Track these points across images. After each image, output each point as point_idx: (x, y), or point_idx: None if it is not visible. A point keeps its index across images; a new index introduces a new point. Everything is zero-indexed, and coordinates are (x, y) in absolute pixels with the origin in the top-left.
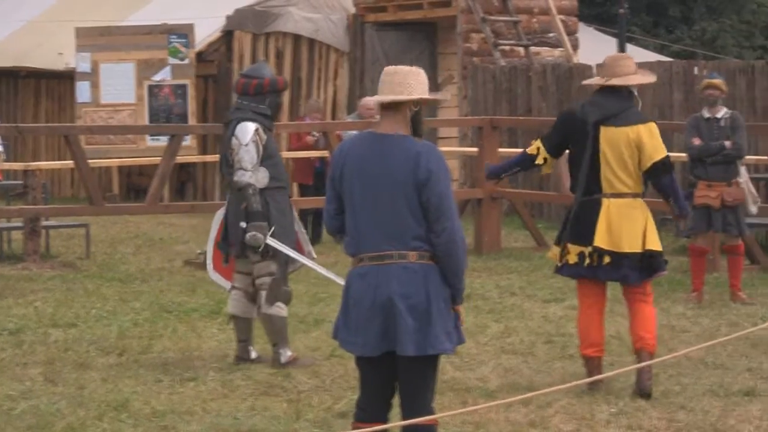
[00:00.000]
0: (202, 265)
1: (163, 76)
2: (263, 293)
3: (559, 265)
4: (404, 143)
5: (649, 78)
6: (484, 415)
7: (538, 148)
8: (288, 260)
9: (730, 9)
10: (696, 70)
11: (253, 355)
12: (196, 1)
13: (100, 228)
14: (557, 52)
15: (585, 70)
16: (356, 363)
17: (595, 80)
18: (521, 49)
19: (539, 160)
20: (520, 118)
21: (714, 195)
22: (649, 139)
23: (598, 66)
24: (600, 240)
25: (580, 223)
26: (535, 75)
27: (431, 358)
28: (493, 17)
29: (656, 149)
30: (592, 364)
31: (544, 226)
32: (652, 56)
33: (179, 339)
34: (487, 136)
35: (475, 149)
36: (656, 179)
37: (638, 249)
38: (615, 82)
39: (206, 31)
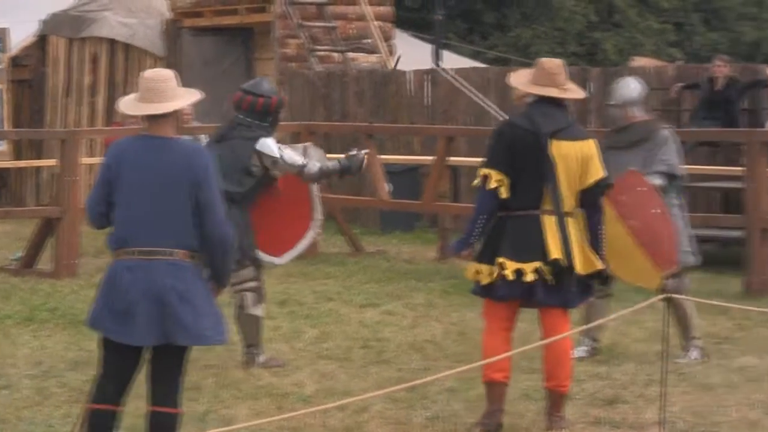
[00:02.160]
0: (16, 272)
1: None
2: (248, 295)
3: (483, 284)
4: (176, 145)
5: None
6: (301, 420)
7: (498, 180)
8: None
9: (543, 16)
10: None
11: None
12: (10, 5)
13: None
14: (373, 57)
15: (401, 76)
16: (103, 347)
17: (546, 91)
18: (338, 55)
19: (503, 192)
20: (337, 123)
21: None
22: (597, 156)
23: (514, 73)
24: (555, 253)
25: (517, 240)
26: (351, 81)
27: (185, 350)
28: (309, 23)
29: (600, 167)
30: (498, 391)
31: (359, 231)
32: (468, 62)
33: None
34: (304, 141)
35: None
36: (593, 198)
37: (583, 271)
38: (570, 95)
39: (20, 36)
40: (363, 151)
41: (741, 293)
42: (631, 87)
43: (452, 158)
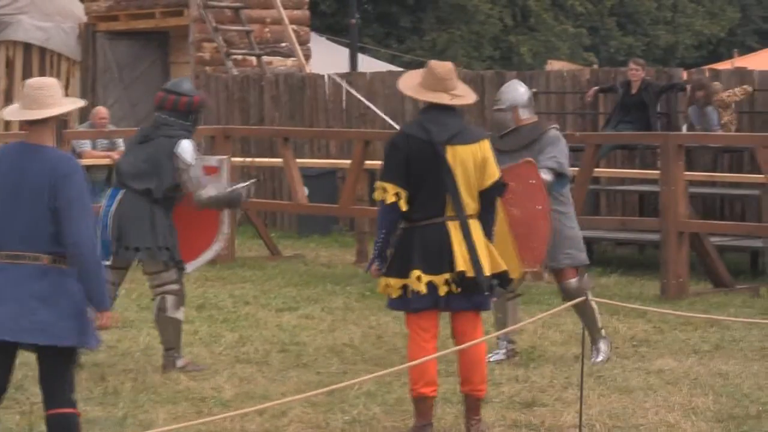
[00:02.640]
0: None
1: None
2: (169, 298)
3: (394, 297)
4: (46, 152)
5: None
6: (219, 424)
7: (396, 193)
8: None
9: (459, 20)
10: None
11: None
12: None
13: None
14: (290, 61)
15: (317, 80)
16: None
17: (437, 97)
18: (254, 59)
19: (402, 205)
20: (253, 127)
21: None
22: (491, 156)
23: (403, 76)
24: (462, 265)
25: (427, 251)
26: (267, 84)
27: (67, 351)
28: (225, 27)
29: (495, 167)
30: (428, 404)
31: (277, 235)
32: (384, 66)
33: None
34: (220, 145)
35: None
36: (489, 199)
37: (488, 272)
38: (461, 102)
39: None
40: (249, 182)
41: (658, 296)
42: (519, 90)
43: (369, 162)
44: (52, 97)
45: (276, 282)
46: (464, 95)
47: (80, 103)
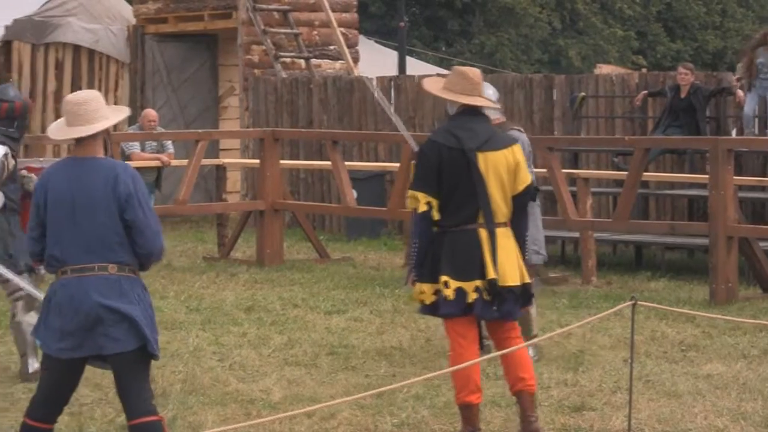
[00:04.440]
0: None
1: None
2: (20, 304)
3: (427, 303)
4: (100, 163)
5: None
6: (268, 427)
7: (427, 202)
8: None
9: (508, 23)
10: None
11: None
12: None
13: None
14: (338, 64)
15: (366, 83)
16: (45, 365)
17: (473, 101)
18: (302, 62)
19: (434, 214)
20: (302, 130)
21: None
22: (523, 161)
23: (424, 79)
24: (492, 273)
25: (457, 257)
26: (316, 87)
27: (143, 358)
28: (273, 29)
29: (527, 172)
30: (474, 412)
31: (326, 238)
32: (432, 69)
33: None
34: (269, 148)
35: (256, 161)
36: (523, 203)
37: (519, 282)
38: (482, 103)
39: None
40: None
41: (707, 301)
42: (487, 92)
43: None
44: (96, 111)
45: (325, 285)
46: (492, 101)
47: (125, 113)
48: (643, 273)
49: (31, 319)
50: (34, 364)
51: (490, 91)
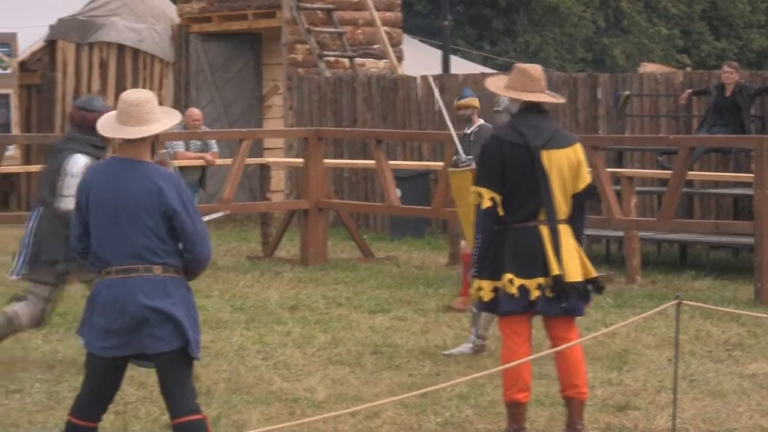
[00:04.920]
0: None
1: None
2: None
3: (485, 300)
4: (146, 168)
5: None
6: (312, 426)
7: (491, 198)
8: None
9: (552, 22)
10: None
11: None
12: (18, 10)
13: None
14: (382, 63)
15: (409, 82)
16: (89, 363)
17: (536, 97)
18: (346, 61)
19: (500, 209)
20: (346, 129)
21: None
22: (584, 160)
23: (488, 78)
24: (556, 269)
25: (519, 254)
26: (360, 86)
27: (187, 358)
28: (317, 28)
29: (587, 171)
30: (521, 410)
31: (370, 237)
32: (477, 68)
33: (3, 351)
34: (313, 147)
35: (300, 160)
36: (582, 202)
37: (581, 277)
38: (544, 99)
39: (29, 41)
40: None
41: (752, 300)
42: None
43: None
44: (149, 113)
45: (368, 284)
46: (556, 95)
47: (177, 119)
48: (687, 272)
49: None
50: None
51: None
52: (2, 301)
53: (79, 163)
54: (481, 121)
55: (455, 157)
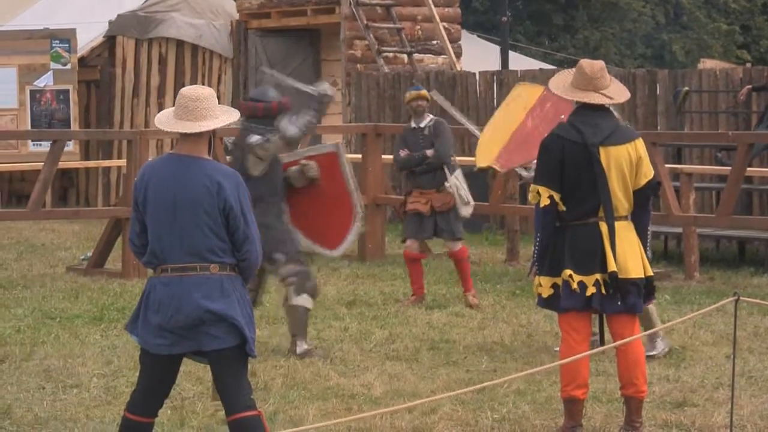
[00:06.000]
0: (86, 272)
1: (46, 81)
2: (290, 288)
3: (545, 296)
4: (204, 165)
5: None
6: (369, 421)
7: (549, 196)
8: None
9: (611, 18)
10: None
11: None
12: (78, 5)
13: None
14: (440, 59)
15: (468, 78)
16: (143, 360)
17: (588, 97)
18: (405, 57)
19: (559, 206)
20: (404, 125)
21: (424, 201)
22: (645, 155)
23: (555, 76)
24: (612, 265)
25: (578, 250)
26: (418, 82)
27: (242, 354)
28: (376, 24)
29: (649, 166)
30: (578, 407)
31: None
32: (536, 64)
33: (62, 346)
34: (371, 143)
35: (358, 156)
36: (645, 198)
37: (642, 274)
38: (613, 101)
39: (89, 36)
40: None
41: None
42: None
43: None
44: (207, 110)
45: (426, 280)
46: (616, 94)
47: (235, 116)
48: (746, 269)
49: (304, 301)
50: (303, 346)
51: None
52: (60, 296)
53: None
54: (431, 116)
55: None
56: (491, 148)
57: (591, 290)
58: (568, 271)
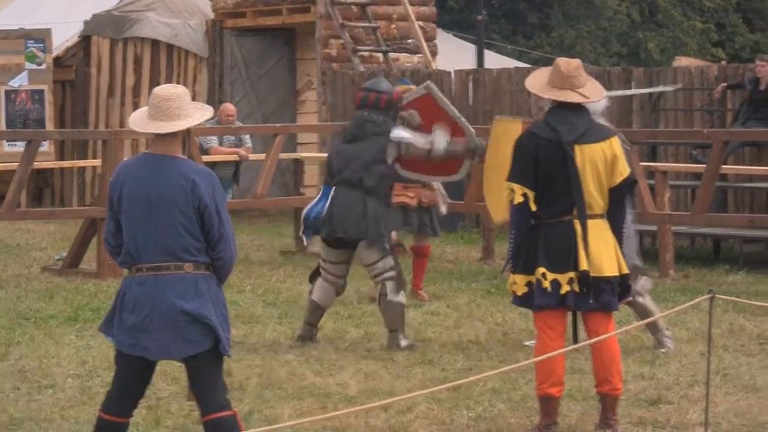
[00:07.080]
0: (60, 272)
1: (20, 81)
2: (389, 284)
3: (519, 294)
4: (179, 164)
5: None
6: (344, 420)
7: (523, 194)
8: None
9: (587, 16)
10: None
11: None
12: (53, 5)
13: None
14: (416, 58)
15: (444, 76)
16: (118, 361)
17: (563, 95)
18: (380, 55)
19: (532, 204)
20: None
21: (411, 195)
22: (621, 153)
23: (531, 74)
24: (584, 264)
25: (552, 249)
26: (394, 81)
27: (217, 355)
28: (352, 23)
29: (625, 164)
30: (553, 405)
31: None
32: (512, 62)
33: (37, 346)
34: None
35: None
36: (620, 196)
37: (617, 272)
38: (589, 99)
39: (64, 36)
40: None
41: None
42: None
43: None
44: (180, 109)
45: None
46: (592, 93)
47: (209, 113)
48: (721, 266)
49: (402, 298)
50: (405, 340)
51: None
52: (35, 296)
53: (403, 132)
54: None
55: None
56: (501, 198)
57: (565, 288)
58: (541, 270)
